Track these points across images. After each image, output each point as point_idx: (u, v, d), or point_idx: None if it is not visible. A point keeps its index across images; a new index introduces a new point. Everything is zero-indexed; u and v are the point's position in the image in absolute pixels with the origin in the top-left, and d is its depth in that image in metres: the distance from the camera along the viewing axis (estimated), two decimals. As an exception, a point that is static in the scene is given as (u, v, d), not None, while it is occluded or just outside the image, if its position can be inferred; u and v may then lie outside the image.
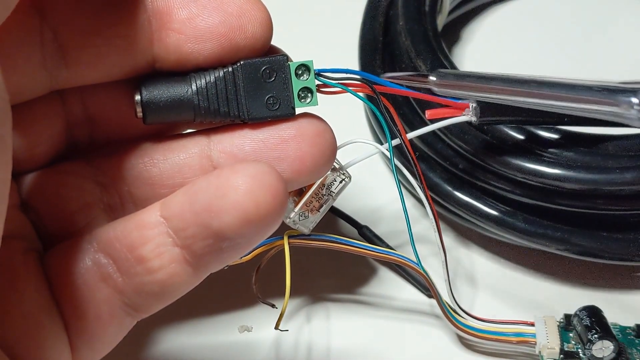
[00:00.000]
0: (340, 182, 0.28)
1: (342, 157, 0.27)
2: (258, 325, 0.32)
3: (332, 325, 0.33)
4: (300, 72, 0.25)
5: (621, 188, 0.31)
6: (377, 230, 0.34)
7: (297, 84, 0.25)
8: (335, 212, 0.34)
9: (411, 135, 0.30)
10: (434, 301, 0.31)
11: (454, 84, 0.23)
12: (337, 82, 0.25)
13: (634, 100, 0.19)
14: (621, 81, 0.20)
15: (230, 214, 0.22)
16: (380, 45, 0.39)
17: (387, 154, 0.28)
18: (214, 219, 0.22)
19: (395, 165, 0.29)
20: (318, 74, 0.25)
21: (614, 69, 0.42)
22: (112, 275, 0.23)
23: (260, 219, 0.22)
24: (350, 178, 0.28)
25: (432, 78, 0.23)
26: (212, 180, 0.22)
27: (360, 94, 0.26)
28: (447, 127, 0.33)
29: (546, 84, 0.21)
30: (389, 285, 0.34)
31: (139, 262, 0.23)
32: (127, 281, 0.23)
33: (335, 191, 0.28)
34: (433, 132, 0.34)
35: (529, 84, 0.21)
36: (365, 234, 0.34)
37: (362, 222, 0.34)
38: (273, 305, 0.29)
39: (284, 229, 0.28)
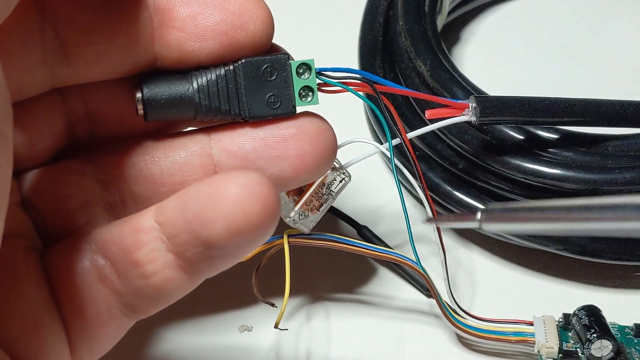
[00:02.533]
0: (340, 181, 0.28)
1: (342, 156, 0.28)
2: (258, 325, 0.33)
3: (332, 324, 0.33)
4: (301, 70, 0.25)
5: (621, 188, 0.31)
6: (377, 230, 0.34)
7: (298, 83, 0.25)
8: (334, 212, 0.35)
9: (411, 135, 0.30)
10: (433, 301, 0.31)
11: (504, 218, 0.22)
12: (337, 81, 0.26)
13: None
14: None
15: (220, 223, 0.21)
16: (380, 45, 0.39)
17: (387, 153, 0.29)
18: (204, 228, 0.22)
19: (395, 165, 0.29)
20: (319, 72, 0.25)
21: (615, 68, 0.43)
22: (110, 277, 0.23)
23: (250, 229, 0.21)
24: (350, 177, 0.28)
25: (478, 217, 0.22)
26: (203, 188, 0.22)
27: (361, 93, 0.26)
28: (447, 127, 0.33)
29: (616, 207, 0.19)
30: (389, 284, 0.34)
31: (134, 266, 0.23)
32: (123, 283, 0.23)
33: (335, 190, 0.28)
34: (433, 132, 0.34)
35: (591, 210, 0.19)
36: (365, 234, 0.34)
37: (362, 223, 0.35)
38: (273, 304, 0.29)
39: (284, 228, 0.28)
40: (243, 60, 0.24)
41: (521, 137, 0.32)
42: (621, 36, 0.44)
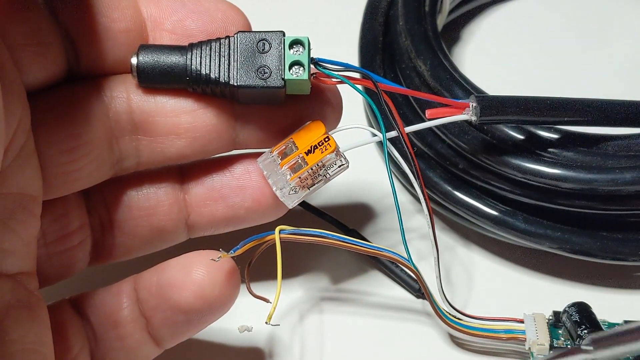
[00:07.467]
0: (339, 166, 0.28)
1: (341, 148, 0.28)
2: (258, 325, 0.32)
3: (325, 323, 0.33)
4: (295, 46, 0.26)
5: (621, 188, 0.31)
6: (371, 230, 0.35)
7: (289, 57, 0.26)
8: (322, 216, 0.35)
9: (409, 129, 0.30)
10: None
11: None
12: (336, 73, 0.26)
13: None
14: None
15: (189, 289, 0.26)
16: (380, 45, 0.39)
17: (386, 144, 0.28)
18: (175, 292, 0.26)
19: (389, 154, 0.29)
20: (318, 63, 0.26)
21: (615, 68, 0.43)
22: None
23: (214, 297, 0.26)
24: (348, 165, 0.28)
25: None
26: (180, 260, 0.27)
27: (358, 87, 0.27)
28: (447, 127, 0.33)
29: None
30: (381, 283, 0.34)
31: (114, 327, 0.27)
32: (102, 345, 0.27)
33: (331, 174, 0.28)
34: (433, 132, 0.34)
35: None
36: (354, 237, 0.34)
37: (358, 222, 0.35)
38: (267, 300, 0.28)
39: (275, 224, 0.28)
40: (239, 32, 0.26)
41: (521, 137, 0.32)
42: (621, 36, 0.44)
